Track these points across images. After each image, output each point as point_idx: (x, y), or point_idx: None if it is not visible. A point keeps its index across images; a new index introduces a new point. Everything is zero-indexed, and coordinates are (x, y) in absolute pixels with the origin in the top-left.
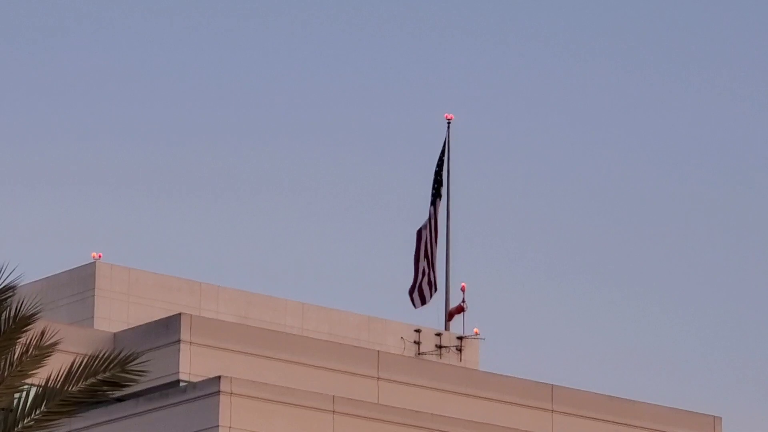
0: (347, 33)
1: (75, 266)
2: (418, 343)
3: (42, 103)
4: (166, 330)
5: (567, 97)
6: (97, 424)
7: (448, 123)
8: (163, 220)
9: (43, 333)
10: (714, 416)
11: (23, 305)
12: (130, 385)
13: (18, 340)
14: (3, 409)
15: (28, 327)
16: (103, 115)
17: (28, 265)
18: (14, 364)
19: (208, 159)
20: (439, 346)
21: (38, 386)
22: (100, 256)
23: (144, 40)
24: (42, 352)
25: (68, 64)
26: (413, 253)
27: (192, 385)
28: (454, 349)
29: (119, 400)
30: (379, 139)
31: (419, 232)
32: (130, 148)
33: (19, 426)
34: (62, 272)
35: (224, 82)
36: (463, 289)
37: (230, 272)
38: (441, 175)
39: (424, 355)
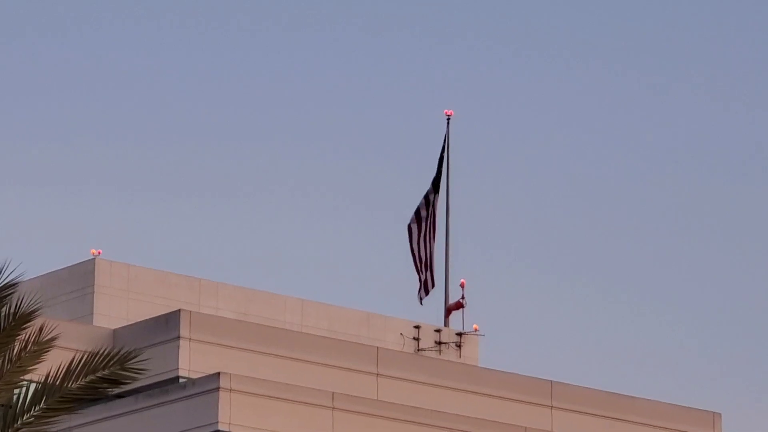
0: (347, 30)
1: (74, 263)
2: (417, 339)
3: (42, 103)
4: (166, 326)
5: (567, 94)
6: (97, 420)
7: (448, 119)
8: (162, 216)
9: (41, 329)
10: (714, 412)
11: (23, 302)
12: (130, 382)
13: (17, 337)
14: (2, 406)
15: (28, 324)
16: (103, 114)
17: (28, 262)
18: (13, 360)
19: (207, 156)
20: (439, 343)
21: (38, 383)
22: (99, 253)
23: (144, 40)
24: (41, 347)
25: (68, 64)
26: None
27: (191, 382)
28: (453, 345)
29: (119, 396)
30: (378, 135)
31: (409, 227)
32: (129, 146)
33: (19, 422)
34: (62, 269)
35: (224, 81)
36: (462, 286)
37: (230, 269)
38: (440, 172)
39: (423, 352)
